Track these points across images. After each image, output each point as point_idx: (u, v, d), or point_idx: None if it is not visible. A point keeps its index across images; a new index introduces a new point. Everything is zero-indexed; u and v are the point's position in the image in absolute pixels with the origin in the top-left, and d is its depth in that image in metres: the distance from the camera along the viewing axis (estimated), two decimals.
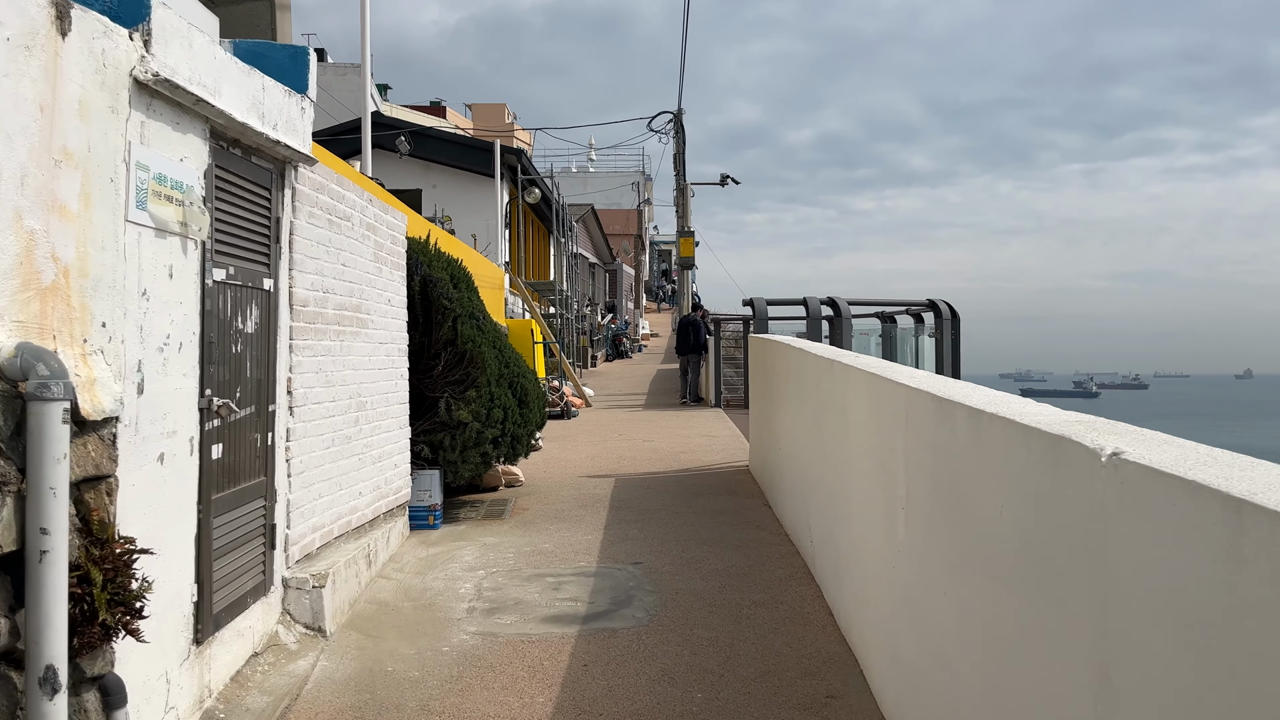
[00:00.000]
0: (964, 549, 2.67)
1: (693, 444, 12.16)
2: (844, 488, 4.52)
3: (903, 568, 3.37)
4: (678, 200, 24.52)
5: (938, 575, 2.94)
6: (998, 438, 2.36)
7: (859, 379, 4.11)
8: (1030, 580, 2.16)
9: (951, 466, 2.76)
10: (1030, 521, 2.16)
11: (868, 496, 3.96)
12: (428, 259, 7.19)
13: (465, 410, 7.00)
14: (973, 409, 2.56)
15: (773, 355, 7.48)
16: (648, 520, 7.30)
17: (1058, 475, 2.00)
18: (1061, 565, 1.98)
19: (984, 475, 2.50)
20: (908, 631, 3.28)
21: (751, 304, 11.05)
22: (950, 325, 11.32)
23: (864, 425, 4.04)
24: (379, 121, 22.74)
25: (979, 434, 2.50)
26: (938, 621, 2.93)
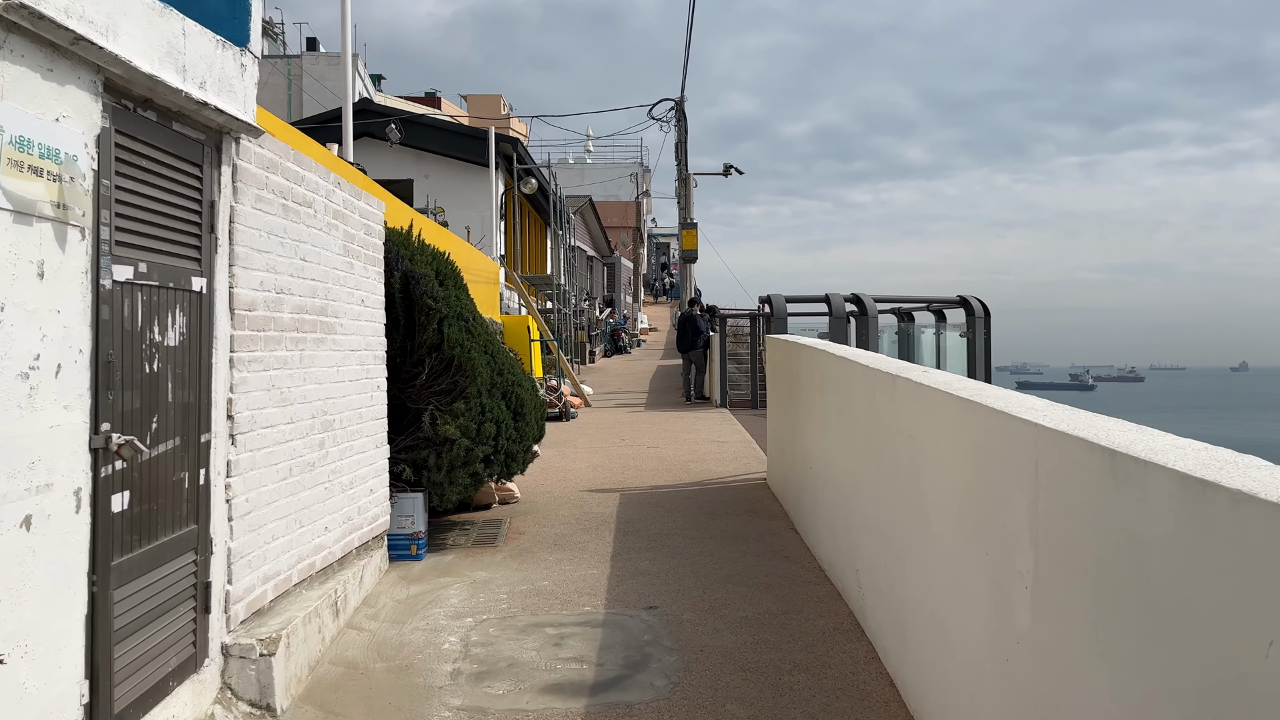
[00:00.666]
0: (1163, 677, 1.82)
1: (702, 451, 11.31)
2: (912, 535, 3.67)
3: (1025, 664, 2.51)
4: (679, 191, 23.63)
5: (1098, 691, 2.09)
6: (1257, 534, 1.51)
7: (943, 405, 3.25)
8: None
9: (1138, 557, 1.91)
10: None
11: (957, 557, 3.10)
12: (410, 252, 6.32)
13: (452, 425, 6.13)
14: (1188, 477, 1.70)
15: (800, 361, 6.62)
16: (659, 548, 6.45)
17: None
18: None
19: (1217, 584, 1.64)
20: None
21: (769, 301, 10.17)
22: (983, 324, 10.50)
23: (951, 464, 3.18)
24: (370, 109, 21.84)
25: (1211, 520, 1.64)
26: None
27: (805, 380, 6.38)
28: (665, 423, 14.73)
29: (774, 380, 8.23)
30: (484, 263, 16.40)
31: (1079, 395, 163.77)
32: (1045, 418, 2.46)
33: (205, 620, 3.58)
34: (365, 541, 5.50)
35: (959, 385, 3.31)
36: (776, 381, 8.08)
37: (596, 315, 35.75)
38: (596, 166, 51.03)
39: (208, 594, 3.59)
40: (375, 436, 5.67)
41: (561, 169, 48.67)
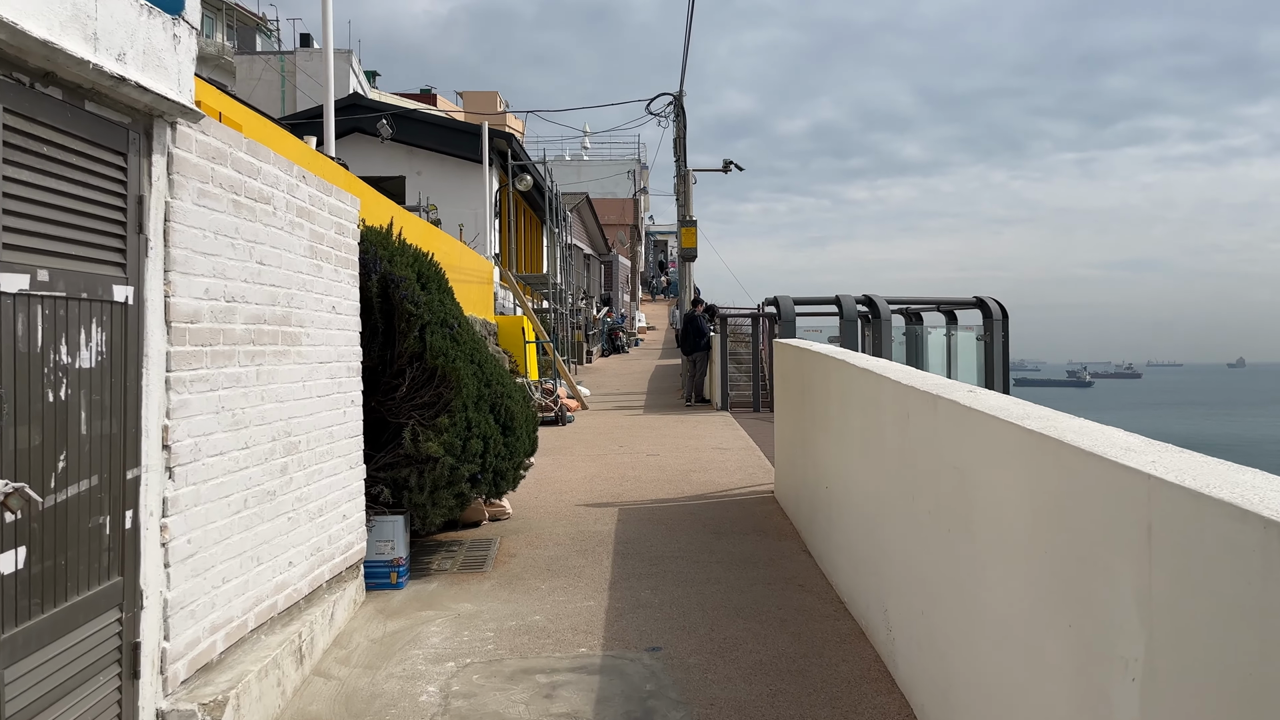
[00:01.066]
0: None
1: (704, 459, 10.79)
2: (960, 583, 3.15)
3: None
4: (678, 188, 23.10)
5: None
6: None
7: (1003, 436, 2.73)
8: None
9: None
10: None
11: (1025, 621, 2.58)
12: (389, 253, 5.80)
13: (435, 442, 5.60)
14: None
15: (815, 370, 6.10)
16: (662, 574, 5.93)
17: None
18: None
19: None
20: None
21: (776, 303, 9.62)
22: (1000, 326, 9.98)
23: (1017, 510, 2.66)
24: (360, 105, 21.31)
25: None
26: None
27: (820, 391, 5.86)
28: (665, 427, 14.21)
29: (783, 388, 7.72)
30: (477, 262, 15.88)
31: (1076, 392, 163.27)
32: (1159, 465, 1.94)
33: (134, 687, 3.06)
34: (338, 573, 4.97)
35: (1021, 412, 2.79)
36: (786, 389, 7.57)
37: (594, 314, 35.23)
38: (593, 164, 50.48)
39: (136, 656, 3.07)
40: (349, 456, 5.14)
41: (558, 166, 48.12)
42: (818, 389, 5.92)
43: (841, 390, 5.17)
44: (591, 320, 33.73)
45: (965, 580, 3.10)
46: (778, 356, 7.97)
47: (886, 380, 4.13)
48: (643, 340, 42.45)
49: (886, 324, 9.56)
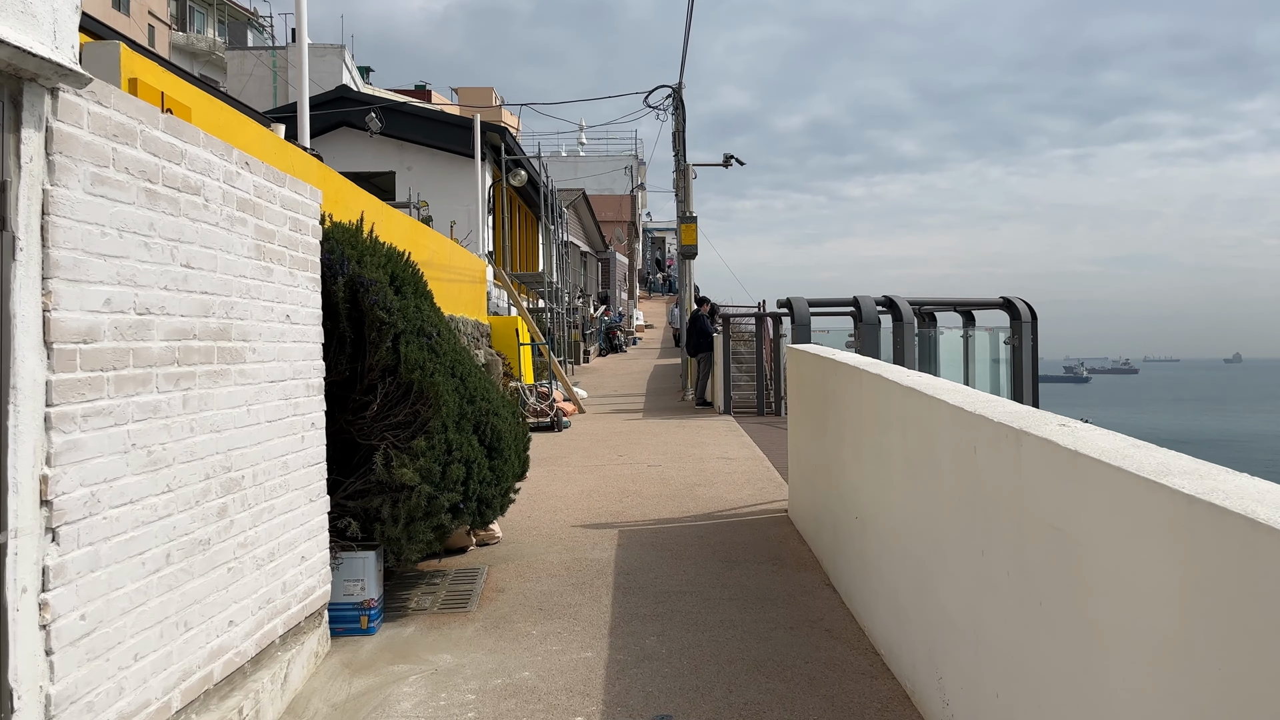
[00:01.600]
0: None
1: (709, 471, 10.11)
2: (1064, 673, 2.47)
3: None
4: (678, 183, 22.39)
5: None
6: None
7: (1146, 500, 2.03)
8: None
9: None
10: None
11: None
12: (358, 252, 5.10)
13: (410, 467, 4.91)
14: None
15: (842, 383, 5.41)
16: (669, 615, 5.24)
17: None
18: None
19: None
20: None
21: (789, 306, 8.93)
22: (1030, 329, 9.28)
23: (1168, 602, 1.97)
24: (349, 97, 20.61)
25: None
26: None
27: (850, 407, 5.17)
28: (666, 433, 13.52)
29: (798, 398, 7.03)
30: (468, 260, 15.18)
31: (1074, 388, 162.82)
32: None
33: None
34: (295, 624, 4.28)
35: (1158, 463, 2.10)
36: (802, 400, 6.88)
37: (591, 313, 34.54)
38: (590, 159, 49.77)
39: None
40: (309, 488, 4.45)
41: (554, 162, 47.41)
42: (846, 405, 5.23)
43: (878, 409, 4.48)
44: (589, 319, 33.05)
45: (1070, 671, 2.41)
46: (792, 363, 7.28)
47: (942, 404, 3.44)
48: (641, 339, 41.77)
49: (909, 327, 8.88)
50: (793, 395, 7.33)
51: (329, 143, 20.64)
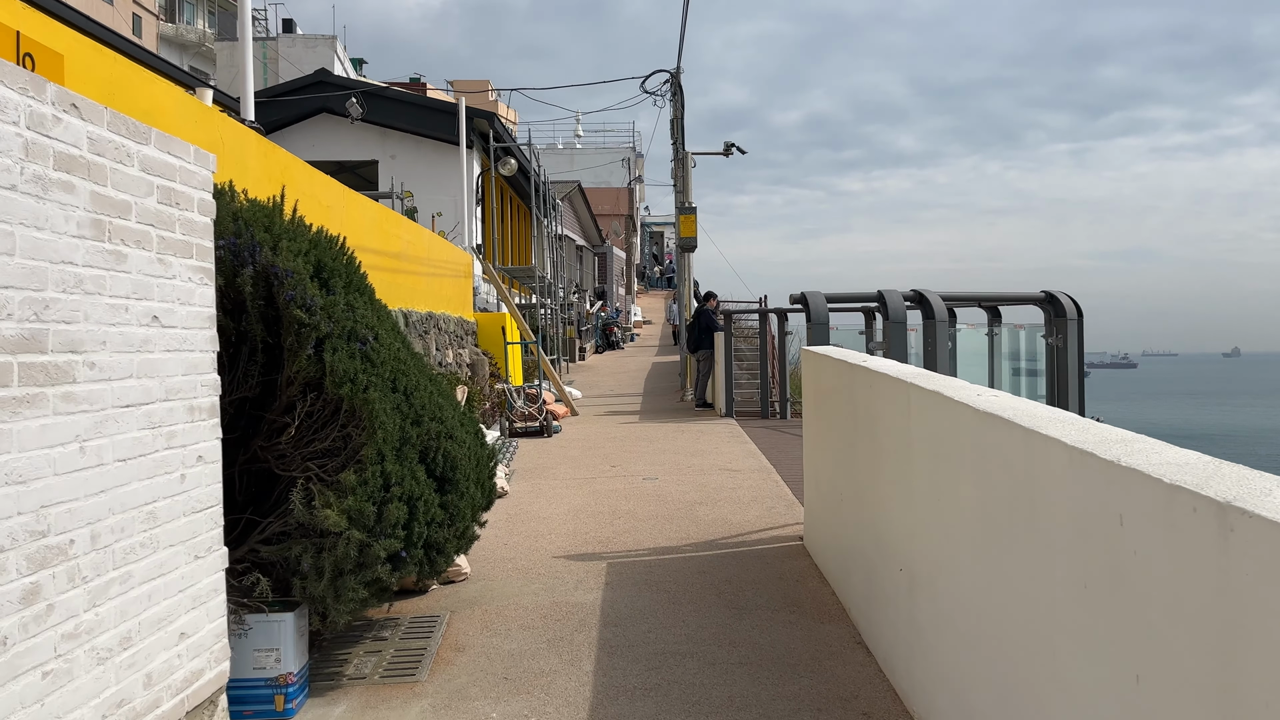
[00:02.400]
0: None
1: (711, 485, 9.06)
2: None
3: None
4: (676, 172, 21.33)
5: None
6: None
7: None
8: None
9: None
10: None
11: None
12: (272, 237, 4.04)
13: (336, 508, 3.86)
14: None
15: (880, 398, 4.35)
16: (665, 689, 4.19)
17: None
18: None
19: None
20: None
21: (804, 301, 7.87)
22: (1075, 328, 8.18)
23: None
24: (329, 82, 19.53)
25: None
26: None
27: (892, 429, 4.12)
28: (664, 439, 12.48)
29: (818, 409, 5.99)
30: (451, 253, 14.13)
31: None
32: None
33: None
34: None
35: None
36: (823, 412, 5.83)
37: (587, 309, 33.50)
38: (586, 152, 48.67)
39: None
40: (193, 541, 3.40)
41: (550, 154, 46.29)
42: (887, 426, 4.18)
43: (936, 437, 3.43)
44: (585, 315, 32.00)
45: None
46: (810, 369, 6.23)
47: (1052, 443, 2.39)
48: (638, 335, 40.74)
49: (941, 325, 7.78)
50: (810, 405, 6.28)
51: (307, 130, 19.59)
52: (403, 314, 10.55)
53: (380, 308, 4.61)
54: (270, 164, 6.66)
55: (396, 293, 10.46)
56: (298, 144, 19.51)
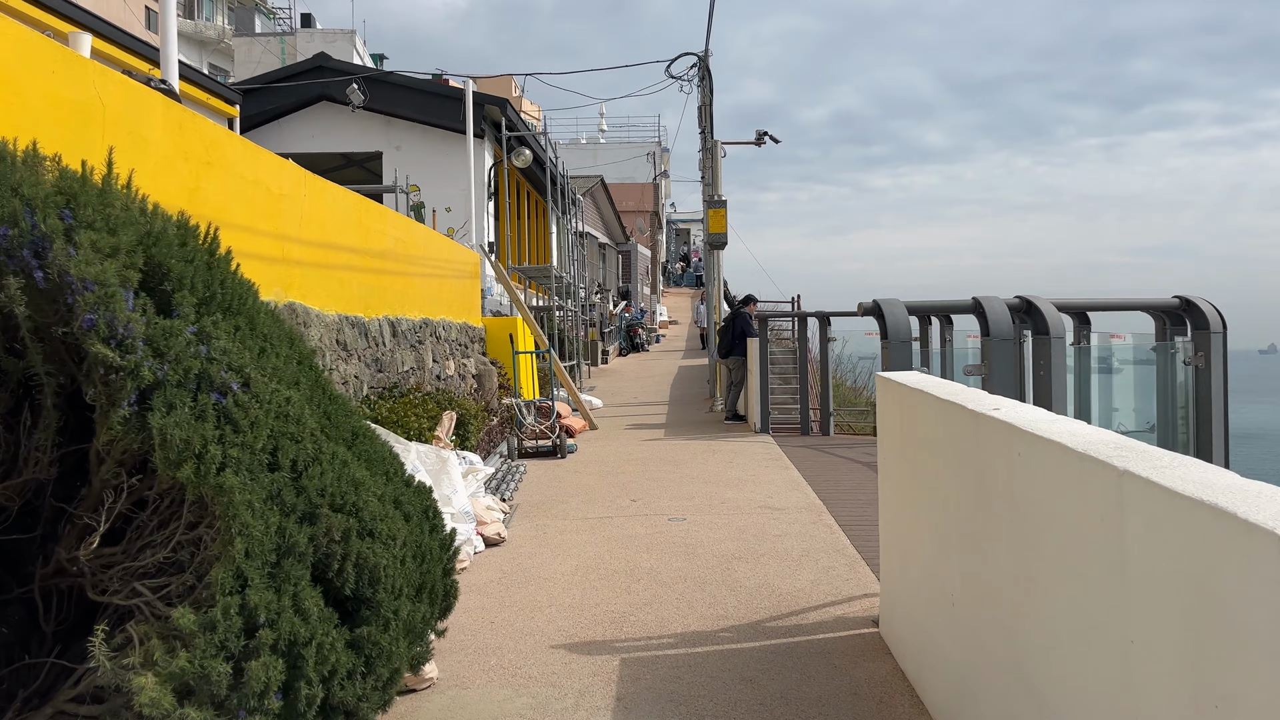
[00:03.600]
0: None
1: (750, 529, 7.49)
2: None
3: None
4: (704, 164, 19.74)
5: None
6: None
7: None
8: None
9: None
10: None
11: None
12: (63, 225, 2.52)
13: (158, 672, 2.34)
14: None
15: (1036, 478, 2.76)
16: None
17: None
18: None
19: None
20: None
21: (878, 312, 6.21)
22: (1220, 342, 6.52)
23: None
24: (328, 67, 18.09)
25: None
26: None
27: (1069, 533, 2.53)
28: (693, 462, 10.91)
29: (906, 460, 4.40)
30: (452, 251, 12.63)
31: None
32: None
33: None
34: None
35: None
36: (916, 467, 4.25)
37: (610, 309, 31.99)
38: (610, 147, 47.16)
39: None
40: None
41: (573, 150, 44.83)
42: (1062, 526, 2.58)
43: (1197, 578, 1.84)
44: (607, 316, 30.49)
45: None
46: (890, 403, 4.65)
47: None
48: (664, 336, 39.19)
49: (1058, 343, 6.14)
50: (891, 450, 4.70)
51: (306, 120, 18.18)
52: (388, 322, 9.06)
53: (275, 334, 3.08)
54: (186, 139, 5.16)
55: (381, 298, 8.97)
56: (296, 135, 18.11)
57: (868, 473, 10.20)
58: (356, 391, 7.82)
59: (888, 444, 4.78)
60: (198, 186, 5.27)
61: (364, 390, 8.02)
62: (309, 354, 3.32)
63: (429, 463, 6.34)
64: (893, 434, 4.64)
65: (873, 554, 6.59)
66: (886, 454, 4.84)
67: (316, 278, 7.22)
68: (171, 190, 4.98)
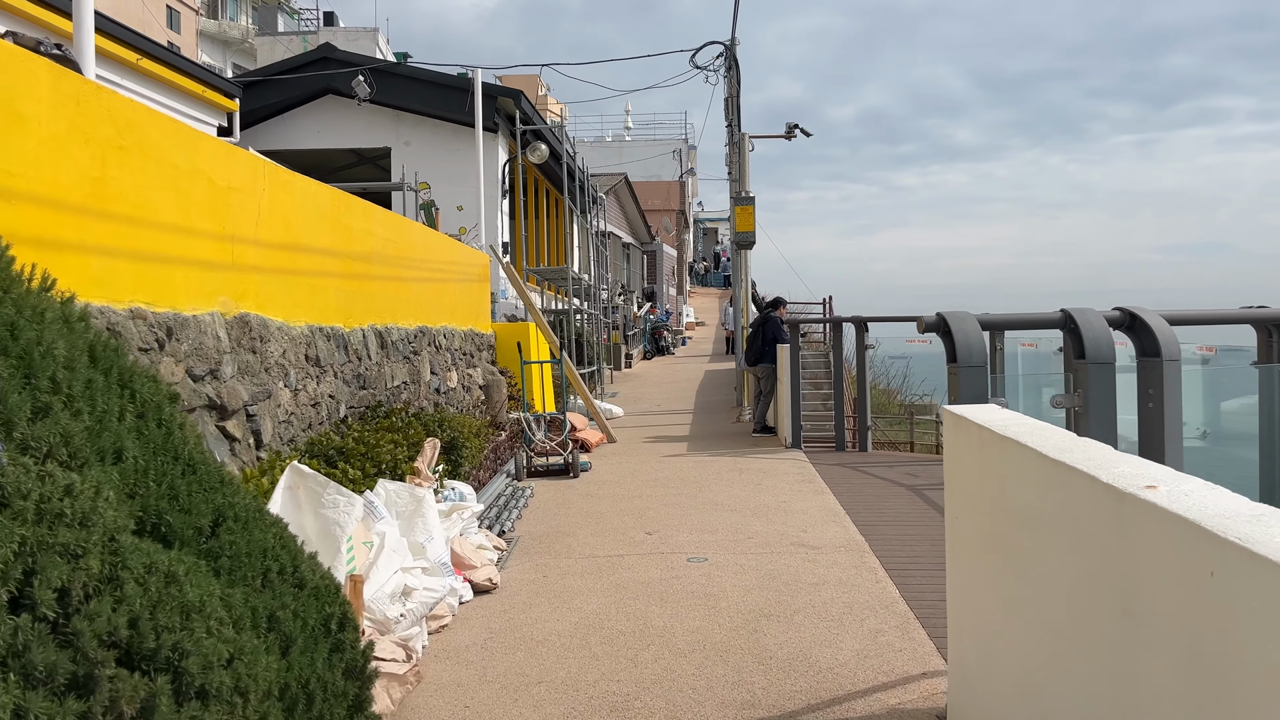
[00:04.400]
0: None
1: (781, 575, 6.45)
2: None
3: None
4: (731, 158, 18.69)
5: None
6: None
7: None
8: None
9: None
10: None
11: None
12: None
13: None
14: None
15: (1251, 621, 1.71)
16: None
17: None
18: None
19: None
20: None
21: (943, 328, 5.11)
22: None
23: None
24: (333, 58, 17.19)
25: None
26: None
27: None
28: (718, 483, 9.88)
29: (989, 524, 3.35)
30: (456, 253, 11.67)
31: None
32: None
33: None
34: None
35: None
36: (1005, 538, 3.19)
37: (634, 311, 30.98)
38: (636, 145, 46.14)
39: None
40: None
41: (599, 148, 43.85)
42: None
43: None
44: (631, 318, 29.48)
45: None
46: (961, 449, 3.60)
47: None
48: (691, 338, 38.14)
49: (1172, 368, 5.00)
50: (963, 505, 3.65)
51: (311, 114, 17.31)
52: (375, 332, 8.10)
53: (87, 378, 2.09)
54: (87, 116, 4.20)
55: (366, 305, 8.01)
56: (301, 130, 17.26)
57: (912, 499, 9.12)
58: (331, 414, 6.86)
59: (960, 497, 3.72)
60: (104, 176, 4.31)
61: (340, 412, 7.06)
62: (159, 398, 2.33)
63: (401, 503, 5.36)
64: (967, 488, 3.58)
65: (929, 613, 5.52)
66: (957, 509, 3.78)
67: (280, 285, 6.26)
68: (63, 180, 4.02)
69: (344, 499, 3.97)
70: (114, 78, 12.37)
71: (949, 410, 3.82)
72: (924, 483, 9.90)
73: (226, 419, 5.24)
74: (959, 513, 3.79)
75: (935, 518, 8.15)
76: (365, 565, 4.47)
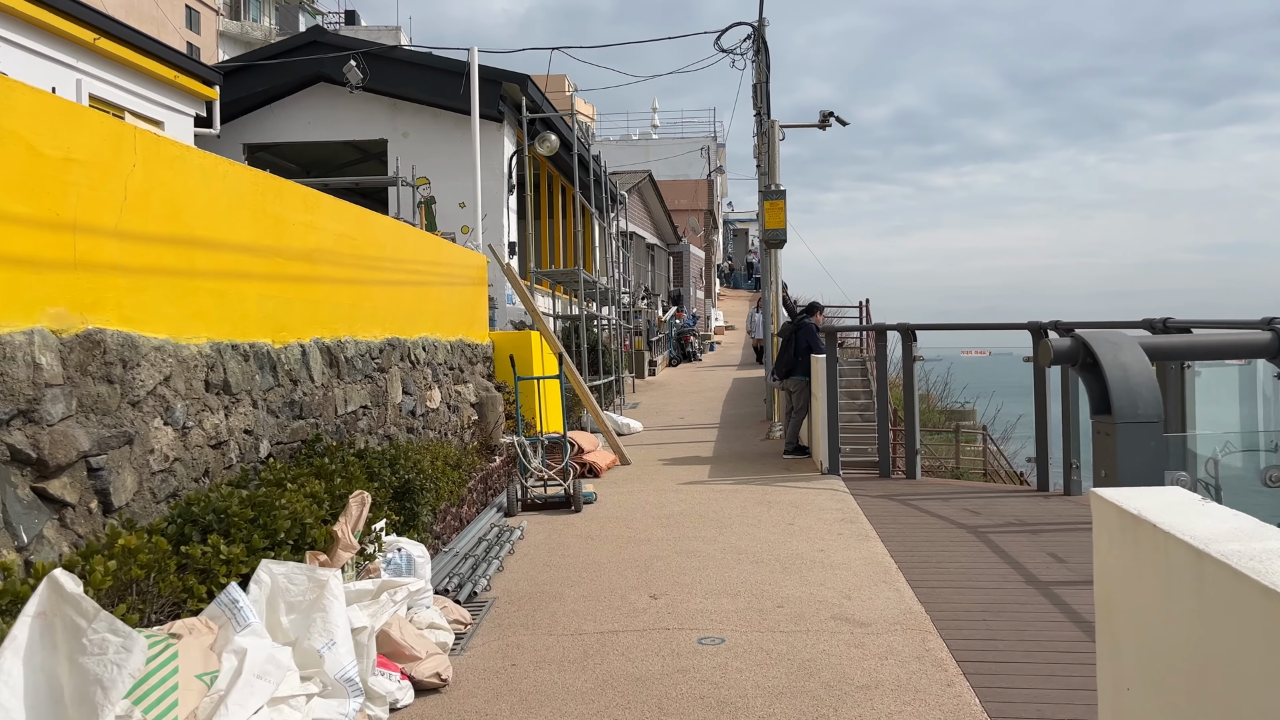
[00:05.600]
0: None
1: (819, 669, 4.87)
2: None
3: None
4: (759, 149, 17.13)
5: None
6: None
7: None
8: None
9: None
10: None
11: None
12: None
13: None
14: None
15: None
16: None
17: None
18: None
19: None
20: None
21: (1086, 355, 3.55)
22: None
23: None
24: (324, 43, 15.80)
25: None
26: None
27: None
28: (742, 522, 8.32)
29: (1182, 686, 1.77)
30: (443, 252, 10.20)
31: None
32: None
33: None
34: None
35: None
36: (1198, 693, 1.61)
37: (659, 315, 29.42)
38: (663, 142, 44.61)
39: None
40: None
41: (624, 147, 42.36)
42: None
43: None
44: (655, 323, 27.93)
45: None
46: (1131, 570, 2.07)
47: None
48: (719, 343, 36.49)
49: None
50: (1131, 646, 2.10)
51: (302, 103, 15.94)
52: (320, 347, 6.64)
53: None
54: None
55: (309, 315, 6.55)
56: (289, 121, 15.89)
57: (978, 548, 7.49)
58: (245, 454, 5.39)
59: (1132, 629, 2.17)
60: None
61: (261, 451, 5.59)
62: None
63: (296, 592, 3.87)
64: (1152, 626, 2.03)
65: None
66: (1123, 643, 2.23)
67: (164, 291, 4.80)
68: None
69: (117, 639, 2.48)
70: (64, 58, 11.04)
71: (1105, 499, 2.26)
72: (988, 523, 8.29)
73: (49, 477, 3.78)
74: (1127, 653, 2.23)
75: (1010, 576, 6.55)
76: (204, 715, 2.97)
